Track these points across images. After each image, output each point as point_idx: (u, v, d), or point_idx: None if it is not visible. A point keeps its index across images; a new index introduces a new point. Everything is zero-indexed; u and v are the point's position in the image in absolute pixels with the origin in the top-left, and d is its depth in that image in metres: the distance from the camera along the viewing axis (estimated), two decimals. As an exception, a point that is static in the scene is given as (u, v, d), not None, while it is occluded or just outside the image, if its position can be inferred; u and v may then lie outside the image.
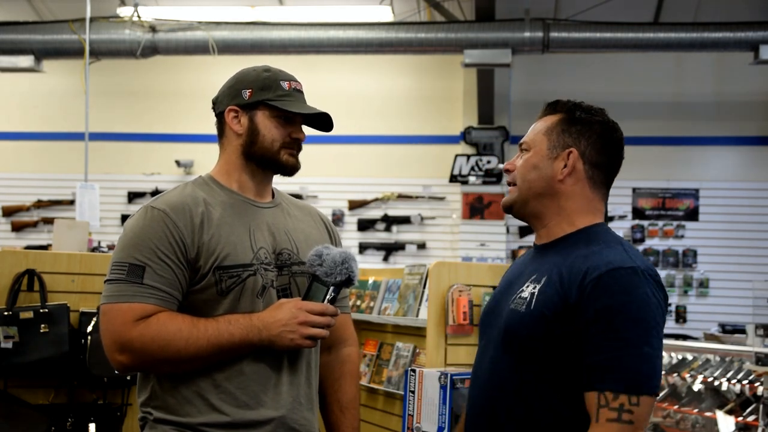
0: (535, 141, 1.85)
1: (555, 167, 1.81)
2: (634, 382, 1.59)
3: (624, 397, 1.58)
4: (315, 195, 8.65)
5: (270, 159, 1.99)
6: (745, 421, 4.84)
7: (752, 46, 7.18)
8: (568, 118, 1.84)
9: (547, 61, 8.25)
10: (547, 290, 1.71)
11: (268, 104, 1.98)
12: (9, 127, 9.19)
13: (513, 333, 1.73)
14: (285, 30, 7.46)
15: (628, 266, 1.65)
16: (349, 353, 2.18)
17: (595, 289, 1.63)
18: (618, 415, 1.57)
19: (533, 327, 1.69)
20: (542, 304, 1.69)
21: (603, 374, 1.60)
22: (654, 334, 1.62)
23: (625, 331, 1.60)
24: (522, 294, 1.76)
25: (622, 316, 1.61)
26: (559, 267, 1.72)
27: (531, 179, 1.82)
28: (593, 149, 1.81)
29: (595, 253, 1.70)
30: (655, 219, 8.53)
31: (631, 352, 1.59)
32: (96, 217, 5.53)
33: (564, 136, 1.82)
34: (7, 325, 3.22)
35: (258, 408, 1.88)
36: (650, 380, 1.60)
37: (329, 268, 1.90)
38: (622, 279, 1.63)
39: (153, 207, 1.90)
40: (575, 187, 1.81)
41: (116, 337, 1.82)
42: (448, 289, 3.17)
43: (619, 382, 1.58)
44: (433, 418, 2.26)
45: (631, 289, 1.63)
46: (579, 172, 1.80)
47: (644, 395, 1.59)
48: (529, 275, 1.80)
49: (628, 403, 1.58)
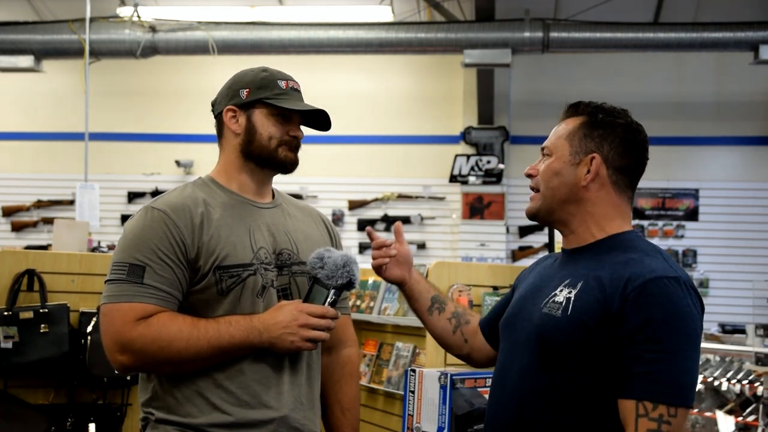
0: (557, 146, 1.81)
1: (578, 173, 1.77)
2: (674, 393, 1.57)
3: (663, 408, 1.57)
4: (315, 195, 8.65)
5: (268, 156, 1.99)
6: (745, 421, 4.84)
7: (752, 46, 7.18)
8: (589, 122, 1.80)
9: (547, 61, 8.25)
10: (584, 296, 1.67)
11: (265, 102, 1.98)
12: (9, 127, 9.19)
13: (548, 338, 1.70)
14: (285, 30, 7.46)
15: (672, 276, 1.63)
16: (350, 354, 2.18)
17: (639, 297, 1.60)
18: (658, 426, 1.56)
19: (571, 333, 1.66)
20: (581, 310, 1.66)
21: (643, 384, 1.58)
22: (694, 347, 1.61)
23: (668, 343, 1.58)
24: (556, 298, 1.72)
25: (667, 327, 1.59)
26: (596, 272, 1.69)
27: (554, 186, 1.79)
28: (616, 153, 1.77)
29: (636, 261, 1.67)
30: (655, 219, 8.53)
31: (673, 363, 1.58)
32: (96, 217, 5.52)
33: (586, 140, 1.78)
34: (7, 325, 3.22)
35: (260, 408, 1.88)
36: (689, 392, 1.60)
37: (330, 271, 1.90)
38: (667, 289, 1.61)
39: (153, 207, 1.90)
40: (600, 193, 1.78)
41: (117, 337, 1.82)
42: (448, 289, 3.17)
43: (659, 393, 1.57)
44: (433, 418, 2.26)
45: (676, 300, 1.61)
46: (603, 178, 1.77)
47: (682, 407, 1.58)
48: (561, 279, 1.76)
49: (667, 415, 1.57)
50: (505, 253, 8.45)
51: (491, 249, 8.38)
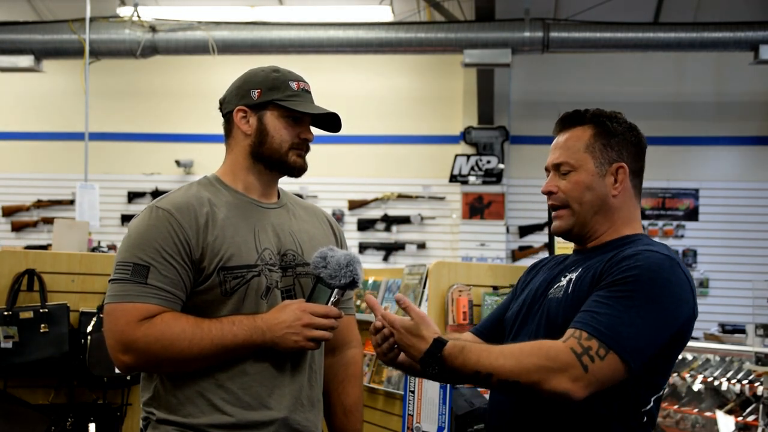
0: (579, 160, 1.81)
1: (607, 184, 1.80)
2: (612, 336, 1.58)
3: (595, 341, 1.58)
4: (315, 195, 8.65)
5: (278, 160, 1.98)
6: (745, 421, 4.84)
7: (752, 46, 7.18)
8: (603, 132, 1.82)
9: (547, 61, 8.25)
10: (583, 276, 1.73)
11: (277, 104, 1.97)
12: (9, 127, 9.19)
13: (553, 319, 1.74)
14: (285, 30, 7.46)
15: (666, 254, 1.67)
16: (353, 355, 2.17)
17: (625, 259, 1.65)
18: (581, 352, 1.57)
19: (570, 311, 1.69)
20: (579, 288, 1.71)
21: (589, 318, 1.61)
22: (658, 316, 1.61)
23: (631, 297, 1.60)
24: (560, 284, 1.78)
25: (637, 284, 1.61)
26: (601, 262, 1.73)
27: (588, 200, 1.81)
28: (632, 158, 1.82)
29: (636, 244, 1.73)
30: (655, 219, 8.53)
31: (624, 314, 1.59)
32: (96, 217, 5.53)
33: (607, 150, 1.81)
34: (7, 325, 3.22)
35: (261, 409, 1.88)
36: (628, 344, 1.59)
37: (333, 270, 1.89)
38: (655, 259, 1.65)
39: (158, 207, 1.90)
40: (624, 199, 1.82)
41: (120, 336, 1.82)
42: (448, 289, 3.17)
43: (598, 330, 1.58)
44: (433, 418, 2.26)
45: (660, 270, 1.63)
46: (627, 184, 1.82)
47: (613, 353, 1.58)
48: (567, 269, 1.82)
49: (595, 350, 1.57)
50: (505, 253, 8.45)
51: (491, 249, 8.38)
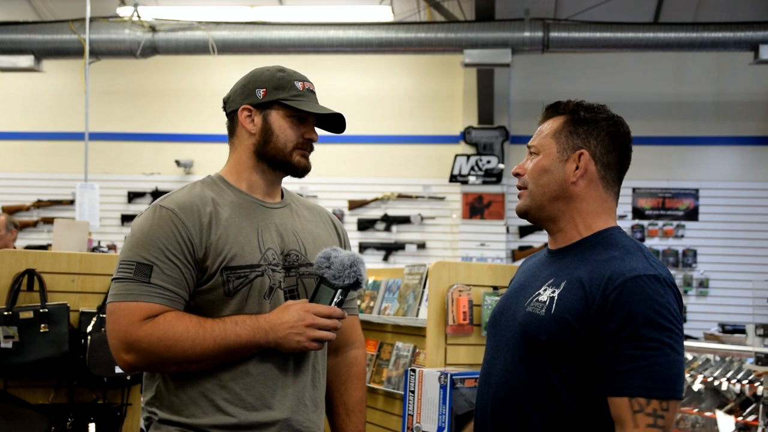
0: (544, 144, 1.83)
1: (567, 169, 1.79)
2: (663, 387, 1.61)
3: (656, 402, 1.60)
4: (315, 195, 8.65)
5: (282, 160, 1.98)
6: (745, 421, 4.84)
7: (752, 46, 7.18)
8: (573, 119, 1.82)
9: (547, 61, 8.25)
10: (567, 295, 1.71)
11: (282, 104, 1.97)
12: (9, 127, 9.19)
13: (531, 336, 1.72)
14: (285, 30, 7.46)
15: (651, 274, 1.66)
16: (356, 356, 2.16)
17: (620, 296, 1.64)
18: (654, 421, 1.60)
19: (554, 331, 1.68)
20: (564, 308, 1.69)
21: (633, 380, 1.61)
22: (677, 340, 1.64)
23: (651, 340, 1.61)
24: (539, 297, 1.75)
25: (649, 323, 1.62)
26: (579, 272, 1.72)
27: (543, 183, 1.81)
28: (603, 148, 1.80)
29: (617, 259, 1.70)
30: (655, 219, 8.53)
31: (659, 358, 1.61)
32: (96, 217, 5.53)
33: (572, 137, 1.81)
34: (7, 325, 3.21)
35: (263, 410, 1.87)
36: (677, 384, 1.63)
37: (337, 270, 1.89)
38: (647, 287, 1.64)
39: (161, 206, 1.89)
40: (589, 189, 1.80)
41: (123, 336, 1.82)
42: (448, 289, 3.17)
43: (650, 388, 1.60)
44: (433, 418, 2.26)
45: (656, 297, 1.64)
46: (591, 174, 1.80)
47: (672, 400, 1.62)
48: (545, 279, 1.79)
49: (660, 409, 1.60)
50: (505, 252, 8.45)
51: (491, 249, 8.39)
